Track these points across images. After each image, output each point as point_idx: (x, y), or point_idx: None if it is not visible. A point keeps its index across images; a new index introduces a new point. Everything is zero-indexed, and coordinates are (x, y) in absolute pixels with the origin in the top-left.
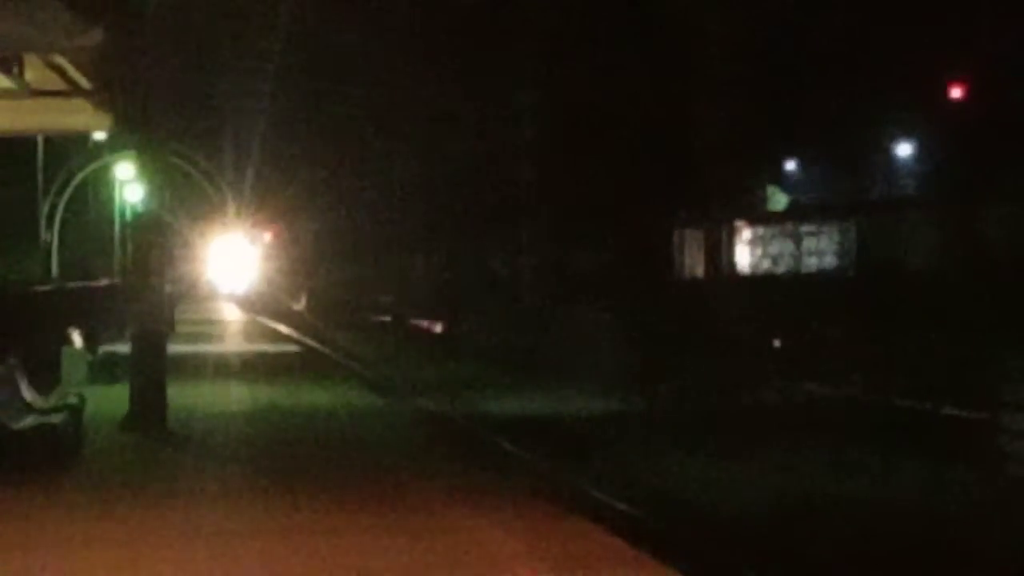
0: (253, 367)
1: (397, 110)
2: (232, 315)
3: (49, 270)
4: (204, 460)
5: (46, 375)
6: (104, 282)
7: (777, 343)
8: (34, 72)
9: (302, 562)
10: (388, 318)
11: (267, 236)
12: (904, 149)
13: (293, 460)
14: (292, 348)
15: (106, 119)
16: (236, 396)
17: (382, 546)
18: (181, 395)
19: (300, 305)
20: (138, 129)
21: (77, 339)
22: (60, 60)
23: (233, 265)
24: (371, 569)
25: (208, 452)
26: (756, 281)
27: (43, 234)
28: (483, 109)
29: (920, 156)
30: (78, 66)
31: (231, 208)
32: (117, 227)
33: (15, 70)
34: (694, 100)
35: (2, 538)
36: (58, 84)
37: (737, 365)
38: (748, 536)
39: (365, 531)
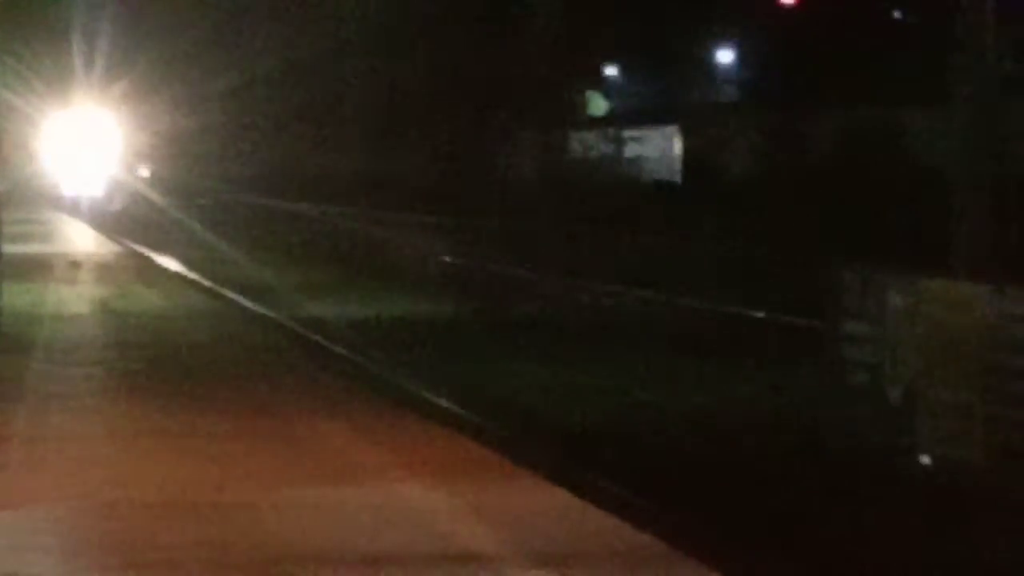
0: (83, 269)
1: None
2: (59, 215)
3: None
4: (44, 364)
5: None
6: None
7: (603, 250)
8: None
9: (159, 468)
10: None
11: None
12: (726, 55)
13: (138, 363)
14: (118, 249)
15: None
16: (67, 298)
17: (242, 452)
18: (12, 297)
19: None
20: None
21: None
22: None
23: (77, 157)
24: (235, 475)
25: (47, 355)
26: (580, 188)
27: None
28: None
29: (742, 62)
30: None
31: (77, 89)
32: None
33: None
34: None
35: None
36: None
37: (563, 271)
38: (594, 442)
39: (222, 437)
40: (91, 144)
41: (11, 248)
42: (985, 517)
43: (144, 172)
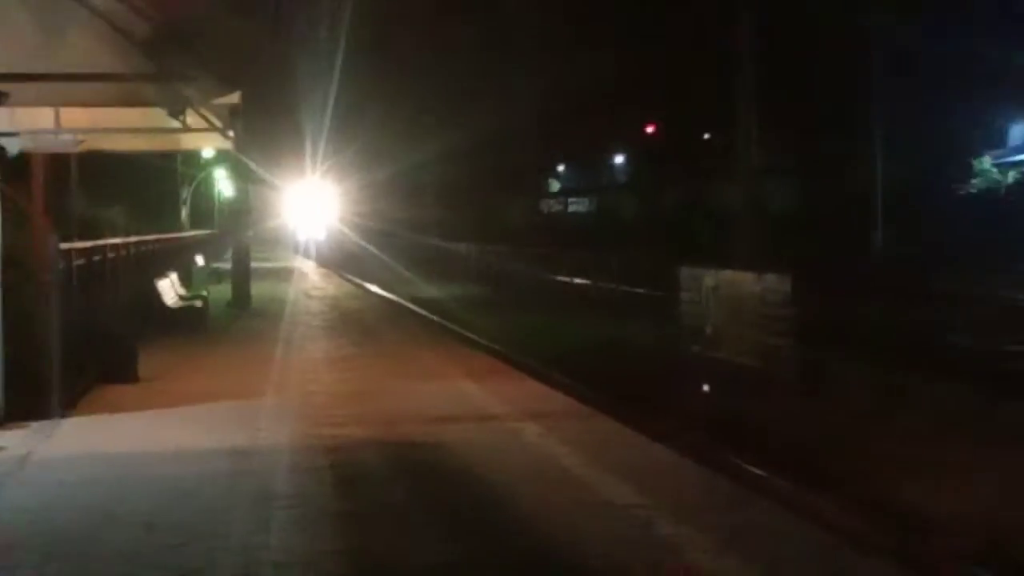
0: (289, 273)
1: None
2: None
3: (184, 227)
4: (276, 324)
5: (186, 280)
6: (209, 232)
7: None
8: (189, 116)
9: (353, 367)
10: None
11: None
12: (620, 159)
13: (324, 321)
14: (320, 267)
15: (227, 142)
16: (282, 290)
17: (378, 361)
18: (258, 289)
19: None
20: (244, 151)
21: (200, 260)
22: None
23: (305, 213)
24: (380, 370)
25: (278, 319)
26: (548, 227)
27: (181, 209)
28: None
29: (629, 163)
30: (215, 114)
31: (305, 166)
32: (216, 204)
33: (181, 117)
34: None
35: (183, 358)
36: (201, 123)
37: (540, 269)
38: (564, 356)
39: (365, 356)
40: (314, 204)
41: (257, 264)
42: (756, 390)
43: (335, 223)
